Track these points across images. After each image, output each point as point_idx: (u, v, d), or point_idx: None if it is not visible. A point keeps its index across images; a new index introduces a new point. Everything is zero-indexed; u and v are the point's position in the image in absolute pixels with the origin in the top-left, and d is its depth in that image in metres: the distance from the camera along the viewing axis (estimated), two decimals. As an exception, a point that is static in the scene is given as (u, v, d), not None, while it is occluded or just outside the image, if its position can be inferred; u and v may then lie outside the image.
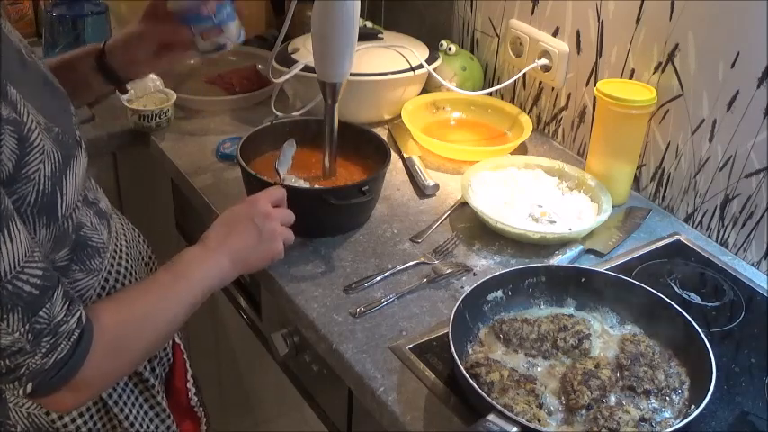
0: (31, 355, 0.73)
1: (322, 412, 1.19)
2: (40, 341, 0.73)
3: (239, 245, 0.95)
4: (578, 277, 1.01)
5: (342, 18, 1.08)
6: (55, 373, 0.75)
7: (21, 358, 0.73)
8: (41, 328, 0.73)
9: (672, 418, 0.85)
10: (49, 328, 0.74)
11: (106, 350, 0.79)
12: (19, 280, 0.70)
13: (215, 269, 0.92)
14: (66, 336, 0.75)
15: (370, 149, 1.24)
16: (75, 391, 0.78)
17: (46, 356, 0.74)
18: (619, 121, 1.22)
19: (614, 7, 1.29)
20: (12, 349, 0.72)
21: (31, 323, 0.72)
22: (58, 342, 0.74)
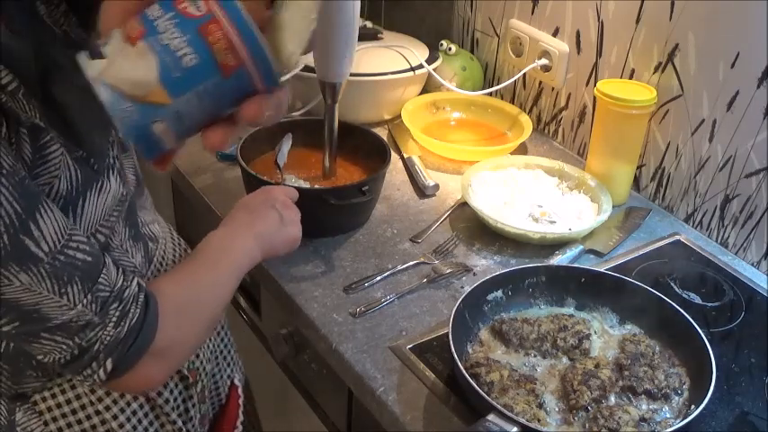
0: (102, 326, 0.70)
1: (322, 412, 1.19)
2: (107, 310, 0.70)
3: (263, 228, 0.94)
4: (578, 277, 1.01)
5: (342, 18, 1.08)
6: (132, 341, 0.71)
7: (91, 332, 0.69)
8: (105, 296, 0.70)
9: (672, 418, 0.85)
10: (114, 295, 0.70)
11: (174, 315, 0.76)
12: (69, 248, 0.67)
13: (244, 249, 0.91)
14: (133, 300, 0.72)
15: (370, 149, 1.24)
16: (159, 359, 0.74)
17: (118, 325, 0.70)
18: (619, 121, 1.22)
19: (614, 7, 1.29)
20: (78, 323, 0.69)
21: (93, 292, 0.69)
22: (127, 307, 0.71)
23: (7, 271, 0.64)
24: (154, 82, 0.53)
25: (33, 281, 0.66)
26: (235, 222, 0.94)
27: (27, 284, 0.66)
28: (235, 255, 0.89)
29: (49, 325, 0.68)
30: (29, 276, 0.65)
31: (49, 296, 0.67)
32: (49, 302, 0.67)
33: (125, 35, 0.54)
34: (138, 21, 0.54)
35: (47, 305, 0.67)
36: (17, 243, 0.65)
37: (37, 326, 0.68)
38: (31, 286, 0.66)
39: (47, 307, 0.67)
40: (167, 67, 0.53)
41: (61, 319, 0.68)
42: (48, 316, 0.68)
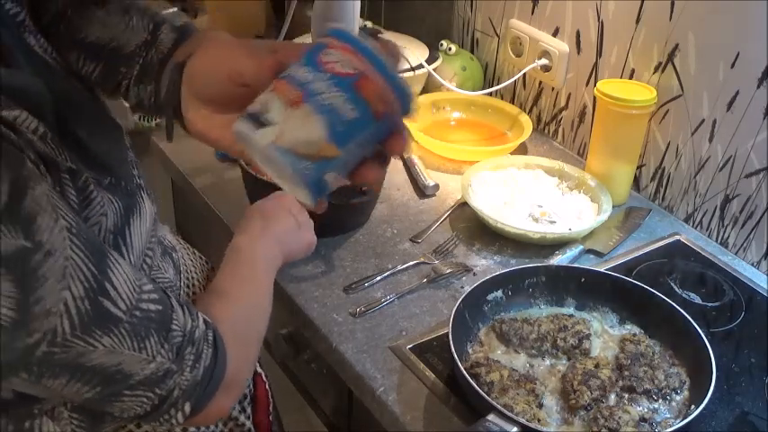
0: (179, 373, 0.68)
1: (322, 412, 1.19)
2: (183, 355, 0.68)
3: (282, 233, 0.94)
4: (578, 277, 1.01)
5: (342, 18, 1.08)
6: (207, 381, 0.70)
7: (170, 381, 0.68)
8: (179, 342, 0.68)
9: (672, 418, 0.85)
10: (187, 339, 0.69)
11: (234, 344, 0.75)
12: (142, 301, 0.66)
13: (271, 256, 0.91)
14: (203, 340, 0.70)
15: (370, 149, 1.24)
16: (229, 391, 0.74)
17: (194, 368, 0.69)
18: (619, 121, 1.22)
19: (614, 7, 1.29)
20: (158, 375, 0.67)
21: (168, 340, 0.67)
22: (200, 349, 0.70)
23: (91, 337, 0.62)
24: (324, 139, 0.59)
25: (115, 342, 0.64)
26: (255, 228, 0.93)
27: (110, 347, 0.64)
28: (265, 264, 0.89)
29: (131, 382, 0.66)
30: (111, 339, 0.64)
31: (130, 353, 0.65)
32: (130, 360, 0.65)
33: (286, 101, 0.59)
34: (292, 85, 0.60)
35: (128, 363, 0.65)
36: (97, 307, 0.63)
37: (119, 386, 0.66)
38: (113, 348, 0.64)
39: (128, 365, 0.65)
40: (333, 124, 0.59)
41: (142, 374, 0.66)
42: (129, 373, 0.66)
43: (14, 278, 0.57)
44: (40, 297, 0.59)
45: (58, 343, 0.61)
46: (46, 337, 0.60)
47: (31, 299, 0.58)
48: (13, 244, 0.57)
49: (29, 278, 0.58)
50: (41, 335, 0.60)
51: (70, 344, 0.61)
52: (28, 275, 0.58)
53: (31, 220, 0.58)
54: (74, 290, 0.61)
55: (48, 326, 0.60)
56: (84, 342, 0.62)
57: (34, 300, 0.58)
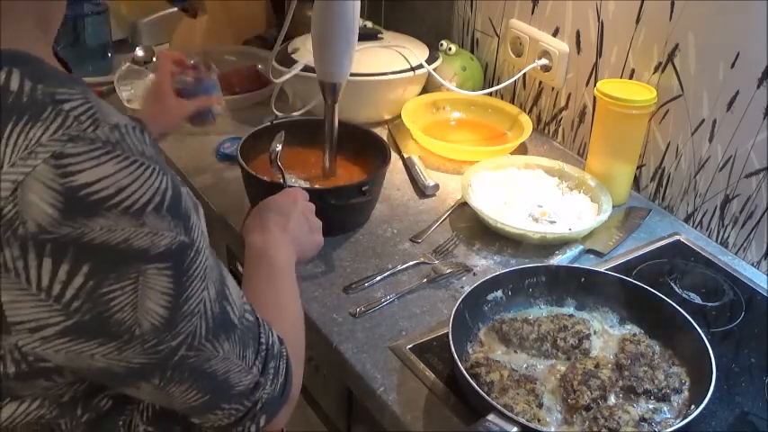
0: (263, 386, 0.70)
1: (322, 412, 1.19)
2: (267, 369, 0.70)
3: (296, 232, 0.94)
4: (578, 277, 1.01)
5: (342, 18, 1.08)
6: (280, 396, 0.72)
7: (258, 393, 0.69)
8: (264, 355, 0.70)
9: (672, 418, 0.85)
10: (270, 353, 0.71)
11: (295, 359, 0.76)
12: (246, 312, 0.68)
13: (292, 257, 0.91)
14: (280, 356, 0.72)
15: (370, 149, 1.24)
16: (289, 407, 0.75)
17: (273, 382, 0.71)
18: (619, 121, 1.22)
19: (614, 7, 1.29)
20: (250, 387, 0.69)
21: (259, 352, 0.69)
22: (279, 364, 0.72)
23: (218, 342, 0.64)
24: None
25: (231, 348, 0.65)
26: (275, 227, 0.92)
27: (227, 352, 0.65)
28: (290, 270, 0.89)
29: (232, 393, 0.67)
30: (229, 344, 0.65)
31: (236, 362, 0.66)
32: (235, 369, 0.67)
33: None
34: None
35: (234, 372, 0.67)
36: (223, 311, 0.64)
37: (223, 395, 0.67)
38: (228, 354, 0.65)
39: (233, 374, 0.67)
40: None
41: (241, 384, 0.68)
42: (232, 383, 0.67)
43: (174, 274, 0.58)
44: (189, 296, 0.60)
45: (194, 346, 0.62)
46: (187, 340, 0.61)
47: (182, 298, 0.59)
48: (176, 239, 0.58)
49: (183, 275, 0.59)
50: (184, 336, 0.61)
51: (202, 348, 0.63)
52: (183, 272, 0.59)
53: (188, 218, 0.60)
54: (210, 291, 0.62)
55: (190, 327, 0.61)
56: (212, 346, 0.63)
57: (184, 299, 0.59)
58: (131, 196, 0.55)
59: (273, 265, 0.87)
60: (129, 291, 0.56)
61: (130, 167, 0.55)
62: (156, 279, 0.57)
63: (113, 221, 0.54)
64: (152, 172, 0.57)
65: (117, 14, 1.74)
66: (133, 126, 0.58)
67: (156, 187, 0.57)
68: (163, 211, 0.57)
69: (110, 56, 1.66)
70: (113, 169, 0.54)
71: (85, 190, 0.53)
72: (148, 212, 0.56)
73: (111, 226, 0.54)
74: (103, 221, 0.54)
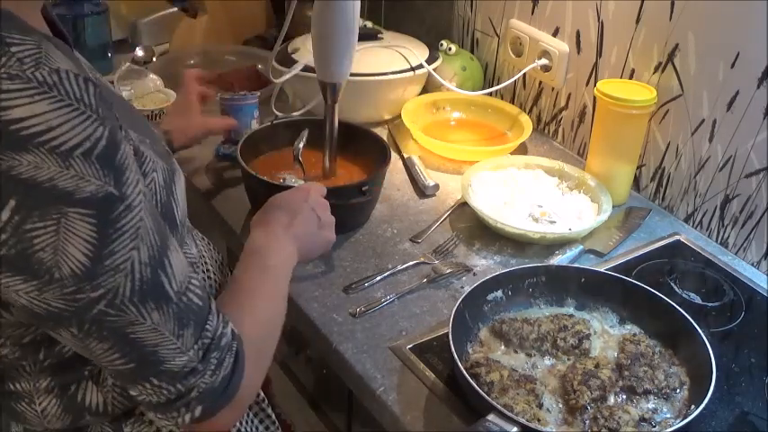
0: (202, 374, 0.69)
1: (322, 412, 1.19)
2: (208, 358, 0.69)
3: (302, 230, 0.93)
4: (578, 277, 1.01)
5: (342, 18, 1.08)
6: (222, 390, 0.71)
7: (193, 379, 0.69)
8: (208, 343, 0.69)
9: (672, 418, 0.85)
10: (214, 343, 0.70)
11: (255, 357, 0.76)
12: (189, 291, 0.68)
13: (290, 259, 0.90)
14: (228, 349, 0.71)
15: (370, 149, 1.24)
16: (234, 407, 0.73)
17: (214, 374, 0.70)
18: (619, 121, 1.22)
19: (614, 7, 1.29)
20: (184, 370, 0.68)
21: (201, 338, 0.69)
22: (223, 356, 0.70)
23: (144, 308, 0.64)
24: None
25: (161, 320, 0.65)
26: (278, 224, 0.92)
27: (156, 324, 0.65)
28: (285, 269, 0.88)
29: (161, 368, 0.67)
30: (159, 315, 0.65)
31: (170, 338, 0.66)
32: (168, 345, 0.67)
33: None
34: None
35: (165, 347, 0.67)
36: (156, 278, 0.64)
37: (150, 369, 0.67)
38: (158, 326, 0.65)
39: (165, 350, 0.67)
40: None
41: (172, 363, 0.67)
42: (163, 359, 0.67)
43: (97, 222, 0.59)
44: (113, 250, 0.61)
45: (116, 305, 0.62)
46: (107, 296, 0.62)
47: (106, 250, 0.60)
48: (103, 188, 0.59)
49: (109, 226, 0.60)
50: (105, 291, 0.61)
51: (125, 309, 0.63)
52: (109, 223, 0.60)
53: (122, 172, 0.61)
54: (142, 253, 0.63)
55: (112, 283, 0.62)
56: (138, 311, 0.64)
57: (108, 252, 0.60)
58: (60, 137, 0.57)
59: (265, 262, 0.86)
60: (51, 231, 0.58)
61: (64, 110, 0.57)
62: (79, 224, 0.59)
63: (41, 159, 0.56)
64: (86, 118, 0.58)
65: (117, 14, 1.74)
66: (77, 74, 0.59)
67: (89, 133, 0.58)
68: (92, 157, 0.58)
69: (110, 56, 1.66)
70: (45, 108, 0.56)
71: (16, 125, 0.56)
72: (76, 156, 0.57)
73: (39, 163, 0.56)
74: (31, 158, 0.56)
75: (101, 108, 0.60)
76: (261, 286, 0.84)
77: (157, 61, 1.65)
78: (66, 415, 0.76)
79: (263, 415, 0.98)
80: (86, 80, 0.60)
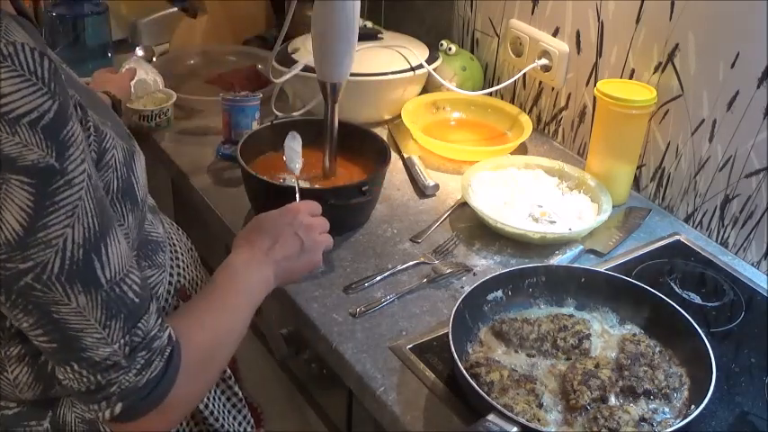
0: (126, 371, 0.69)
1: (322, 412, 1.19)
2: (135, 356, 0.69)
3: (283, 256, 0.92)
4: (578, 277, 1.01)
5: (342, 18, 1.08)
6: (147, 394, 0.70)
7: (114, 374, 0.69)
8: (138, 342, 0.69)
9: (672, 418, 0.85)
10: (144, 343, 0.70)
11: (195, 369, 0.75)
12: (124, 284, 0.68)
13: (264, 282, 0.89)
14: (159, 352, 0.71)
15: (370, 149, 1.24)
16: (164, 414, 0.73)
17: (140, 374, 0.69)
18: (619, 121, 1.22)
19: (614, 7, 1.29)
20: (107, 363, 0.68)
21: (130, 335, 0.69)
22: (153, 358, 0.70)
23: (71, 289, 0.64)
24: None
25: (89, 306, 0.66)
26: (255, 249, 0.91)
27: (82, 308, 0.65)
28: (256, 292, 0.88)
29: (82, 355, 0.68)
30: (85, 300, 0.65)
31: (95, 326, 0.67)
32: (92, 332, 0.67)
33: None
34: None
35: (90, 335, 0.67)
36: (88, 262, 0.65)
37: (71, 354, 0.68)
38: (84, 311, 0.66)
39: (89, 337, 0.67)
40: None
41: (95, 353, 0.68)
42: (85, 346, 0.67)
43: (35, 192, 0.61)
44: (47, 224, 0.62)
45: (43, 280, 0.63)
46: (35, 269, 0.63)
47: (40, 222, 0.61)
48: (45, 159, 0.61)
49: (46, 199, 0.61)
50: (33, 264, 0.62)
51: (52, 286, 0.64)
52: (46, 196, 0.61)
53: (66, 147, 0.62)
54: (76, 232, 0.64)
55: (42, 258, 0.62)
56: (64, 291, 0.64)
57: (42, 224, 0.62)
58: (9, 105, 0.59)
59: (236, 279, 0.86)
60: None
61: (15, 79, 0.59)
62: (18, 192, 0.60)
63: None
64: (37, 90, 0.60)
65: (117, 14, 1.74)
66: (33, 48, 0.61)
67: (38, 104, 0.60)
68: (37, 127, 0.60)
69: (110, 56, 1.66)
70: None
71: None
72: (22, 123, 0.59)
73: None
74: None
75: (53, 83, 0.61)
76: (224, 300, 0.83)
77: (157, 61, 1.65)
78: (36, 384, 0.78)
79: (230, 392, 0.99)
80: (42, 54, 0.61)
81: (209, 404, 0.94)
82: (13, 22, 0.62)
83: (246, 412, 1.02)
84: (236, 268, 0.88)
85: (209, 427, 0.94)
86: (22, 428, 0.81)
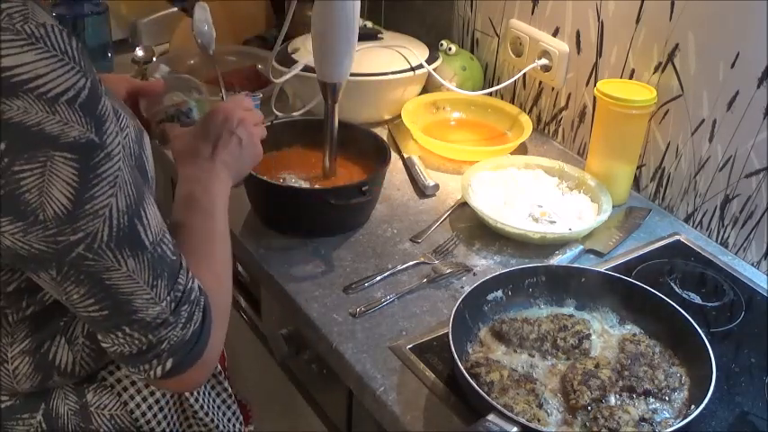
0: (173, 326, 0.71)
1: (322, 412, 1.19)
2: (179, 310, 0.72)
3: (228, 157, 0.93)
4: (578, 277, 1.01)
5: (342, 18, 1.08)
6: (193, 345, 0.73)
7: (164, 331, 0.71)
8: (179, 296, 0.72)
9: (672, 418, 0.85)
10: (185, 296, 0.72)
11: (219, 313, 0.78)
12: (163, 244, 0.71)
13: (223, 185, 0.90)
14: (196, 303, 0.74)
15: (370, 149, 1.24)
16: (204, 364, 0.76)
17: (185, 327, 0.72)
18: (619, 121, 1.22)
19: (614, 7, 1.29)
20: (157, 320, 0.70)
21: (174, 290, 0.71)
22: (193, 310, 0.73)
23: (121, 254, 0.67)
24: None
25: (137, 268, 0.68)
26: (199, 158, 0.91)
27: (131, 271, 0.68)
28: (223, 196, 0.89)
29: (134, 317, 0.70)
30: (135, 263, 0.68)
31: (144, 288, 0.69)
32: (142, 294, 0.69)
33: None
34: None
35: (140, 296, 0.69)
36: (132, 226, 0.67)
37: (124, 318, 0.70)
38: (133, 273, 0.68)
39: (139, 299, 0.69)
40: None
41: (145, 313, 0.70)
42: (136, 308, 0.69)
43: (80, 167, 0.63)
44: (93, 195, 0.64)
45: (94, 249, 0.65)
46: (86, 239, 0.65)
47: (86, 195, 0.64)
48: (85, 135, 0.63)
49: (90, 172, 0.64)
50: (84, 234, 0.65)
51: (103, 254, 0.66)
52: (90, 169, 0.64)
53: (103, 122, 0.65)
54: (119, 201, 0.66)
55: (92, 228, 0.65)
56: (114, 257, 0.67)
57: (89, 196, 0.64)
58: (47, 84, 0.61)
59: (204, 197, 0.87)
60: (38, 173, 0.61)
61: (50, 59, 0.61)
62: (63, 168, 0.62)
63: (29, 104, 0.60)
64: (70, 69, 0.62)
65: (117, 14, 1.74)
66: (61, 29, 0.63)
67: (73, 82, 0.62)
68: (75, 104, 0.62)
69: (110, 56, 1.66)
70: (33, 58, 0.60)
71: (6, 72, 0.59)
72: (61, 102, 0.61)
73: (27, 108, 0.60)
74: (20, 102, 0.60)
75: (83, 61, 0.64)
76: (208, 226, 0.85)
77: (157, 61, 1.65)
78: (35, 374, 0.79)
79: (219, 388, 1.00)
80: (69, 34, 0.63)
81: (200, 399, 0.95)
82: (35, 4, 0.64)
83: (236, 408, 1.03)
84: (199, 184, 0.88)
85: (198, 421, 0.95)
86: (14, 422, 0.83)
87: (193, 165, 0.91)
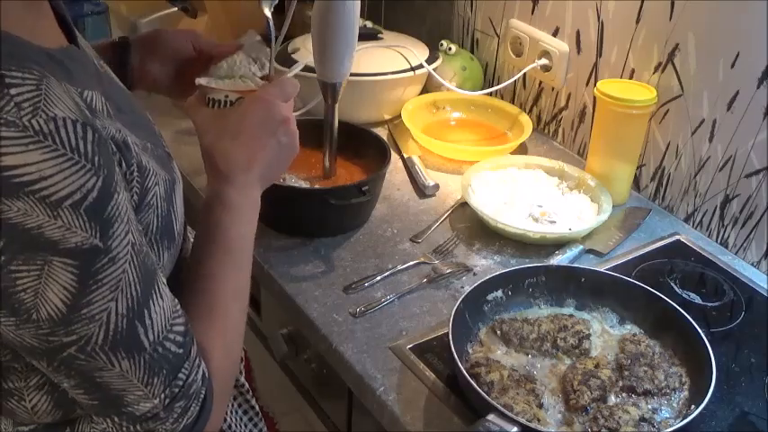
0: (163, 421, 0.69)
1: (322, 412, 1.19)
2: (173, 406, 0.69)
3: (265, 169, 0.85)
4: (578, 277, 1.01)
5: (342, 18, 1.08)
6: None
7: (153, 424, 0.69)
8: (176, 392, 0.69)
9: (672, 418, 0.85)
10: (183, 391, 0.69)
11: (222, 392, 0.75)
12: (167, 340, 0.67)
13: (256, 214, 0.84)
14: (195, 397, 0.71)
15: (370, 149, 1.24)
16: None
17: (176, 421, 0.70)
18: (619, 121, 1.22)
19: (614, 7, 1.29)
20: (147, 415, 0.68)
21: (171, 387, 0.68)
22: (189, 405, 0.70)
23: (115, 357, 0.64)
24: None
25: (131, 369, 0.65)
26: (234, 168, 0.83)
27: (125, 371, 0.65)
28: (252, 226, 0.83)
29: (123, 410, 0.68)
30: (129, 364, 0.65)
31: (137, 385, 0.66)
32: (134, 390, 0.67)
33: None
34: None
35: (131, 393, 0.67)
36: (132, 329, 0.64)
37: (112, 410, 0.68)
38: (126, 373, 0.65)
39: (131, 395, 0.67)
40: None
41: (135, 407, 0.68)
42: (126, 403, 0.67)
43: (79, 273, 0.59)
44: (91, 300, 0.61)
45: (87, 351, 0.63)
46: (79, 342, 0.62)
47: (83, 300, 0.60)
48: (89, 241, 0.59)
49: (90, 278, 0.60)
50: (77, 338, 0.62)
51: (96, 356, 0.63)
52: (90, 275, 0.60)
53: (110, 225, 0.60)
54: (120, 304, 0.63)
55: (86, 331, 0.62)
56: (107, 359, 0.64)
57: (86, 301, 0.61)
58: (51, 187, 0.57)
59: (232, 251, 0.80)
60: (34, 276, 0.58)
61: (57, 159, 0.57)
62: (61, 273, 0.59)
63: (30, 206, 0.56)
64: (80, 168, 0.58)
65: (117, 14, 1.74)
66: (74, 120, 0.58)
67: (81, 184, 0.58)
68: (81, 208, 0.58)
69: (110, 56, 1.66)
70: (39, 158, 0.56)
71: (8, 172, 0.55)
72: (65, 206, 0.57)
73: (28, 210, 0.56)
74: (21, 204, 0.56)
75: (96, 156, 0.59)
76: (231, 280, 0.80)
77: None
78: (56, 410, 0.77)
79: (246, 406, 0.99)
80: (84, 126, 0.59)
81: (227, 418, 0.93)
82: (53, 81, 0.59)
83: (263, 426, 1.01)
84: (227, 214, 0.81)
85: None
86: None
87: (225, 180, 0.83)
